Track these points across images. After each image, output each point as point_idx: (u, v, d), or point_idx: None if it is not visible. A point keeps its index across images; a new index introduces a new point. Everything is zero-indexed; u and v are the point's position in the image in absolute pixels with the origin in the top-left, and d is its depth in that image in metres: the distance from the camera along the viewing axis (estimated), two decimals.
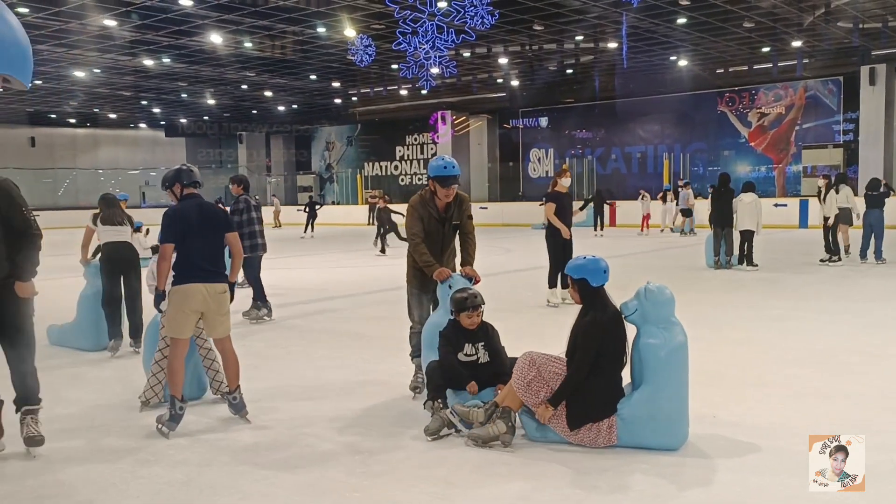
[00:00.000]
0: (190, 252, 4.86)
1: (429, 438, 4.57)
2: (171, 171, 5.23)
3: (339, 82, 31.28)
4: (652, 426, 4.29)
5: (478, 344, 4.93)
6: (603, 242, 20.47)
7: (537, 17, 20.38)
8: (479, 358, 4.92)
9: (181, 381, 4.91)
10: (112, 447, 4.62)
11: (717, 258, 13.33)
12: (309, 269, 15.62)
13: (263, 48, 24.24)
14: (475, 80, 30.82)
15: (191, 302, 4.85)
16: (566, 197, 10.08)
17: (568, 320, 4.68)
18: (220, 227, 5.10)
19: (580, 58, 26.70)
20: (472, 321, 4.92)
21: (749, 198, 13.34)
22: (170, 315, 4.91)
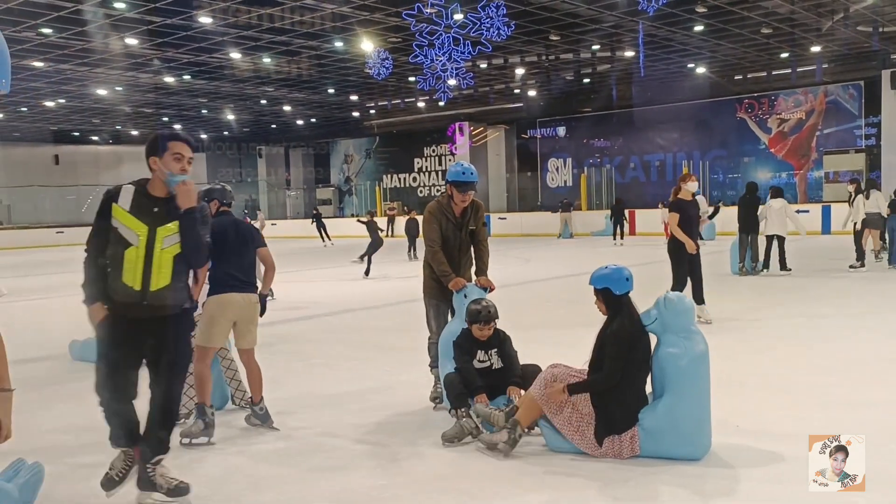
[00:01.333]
0: (226, 266, 5.04)
1: (444, 443, 4.63)
2: (217, 189, 5.47)
3: (357, 95, 31.51)
4: (674, 436, 4.25)
5: (491, 350, 5.00)
6: (625, 251, 20.37)
7: (553, 28, 20.42)
8: (493, 364, 5.00)
9: (209, 389, 5.01)
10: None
11: (742, 264, 13.30)
12: (329, 282, 15.70)
13: (281, 63, 24.49)
14: (492, 90, 30.90)
15: (228, 310, 5.03)
16: (692, 205, 8.88)
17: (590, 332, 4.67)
18: (252, 243, 5.29)
19: (597, 67, 26.69)
20: (482, 333, 4.98)
21: (778, 203, 13.38)
22: (205, 324, 5.01)
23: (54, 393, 6.56)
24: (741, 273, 13.29)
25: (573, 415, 4.35)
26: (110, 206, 3.83)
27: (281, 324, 9.82)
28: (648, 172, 33.73)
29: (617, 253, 19.74)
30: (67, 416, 5.70)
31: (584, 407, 4.34)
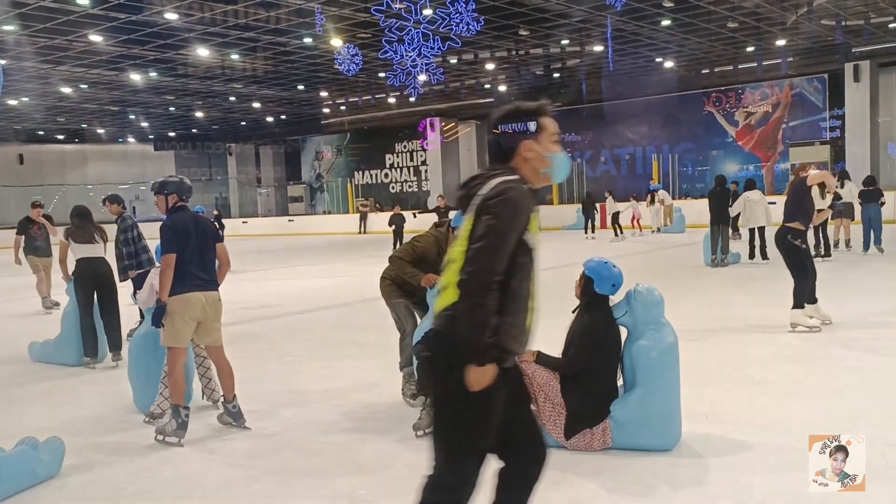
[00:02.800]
0: (188, 263, 4.93)
1: (416, 433, 4.65)
2: (173, 181, 5.22)
3: (327, 91, 31.32)
4: (645, 427, 4.31)
5: None
6: (596, 245, 20.52)
7: (522, 22, 20.47)
8: None
9: (183, 389, 4.98)
10: (105, 461, 4.61)
11: (714, 256, 13.56)
12: (302, 279, 15.61)
13: (250, 60, 24.25)
14: (462, 86, 30.90)
15: (191, 310, 4.93)
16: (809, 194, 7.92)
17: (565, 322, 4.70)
18: (212, 238, 5.17)
19: (566, 61, 26.80)
20: None
21: (756, 195, 13.95)
22: (169, 324, 4.93)
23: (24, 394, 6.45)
24: (713, 265, 13.51)
25: (546, 404, 4.38)
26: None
27: (252, 322, 9.76)
28: (619, 166, 34.00)
29: (588, 246, 19.87)
30: (35, 419, 5.60)
31: (555, 397, 4.38)
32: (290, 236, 30.82)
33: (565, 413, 4.36)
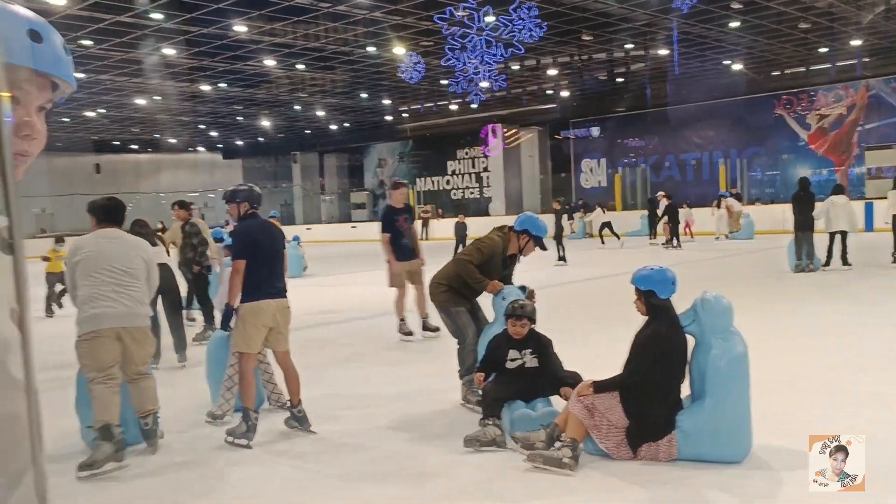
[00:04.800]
0: (258, 270, 5.01)
1: (465, 445, 4.60)
2: (244, 190, 5.33)
3: (390, 99, 31.67)
4: (714, 438, 4.19)
5: (524, 350, 4.92)
6: (661, 251, 20.12)
7: (585, 27, 20.31)
8: (525, 362, 4.90)
9: (254, 393, 5.07)
10: (175, 462, 4.74)
11: (800, 262, 13.23)
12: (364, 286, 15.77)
13: (315, 70, 24.72)
14: (525, 92, 30.84)
15: (262, 317, 5.02)
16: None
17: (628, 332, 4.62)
18: (281, 245, 5.28)
19: (630, 66, 26.47)
20: (515, 330, 4.92)
21: (841, 199, 13.51)
22: (240, 331, 5.03)
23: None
24: (797, 270, 13.24)
25: (610, 430, 4.30)
26: None
27: (316, 327, 9.91)
28: (684, 171, 33.32)
29: (653, 253, 19.52)
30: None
31: (618, 420, 4.28)
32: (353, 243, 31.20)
33: (626, 427, 4.26)
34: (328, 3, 17.20)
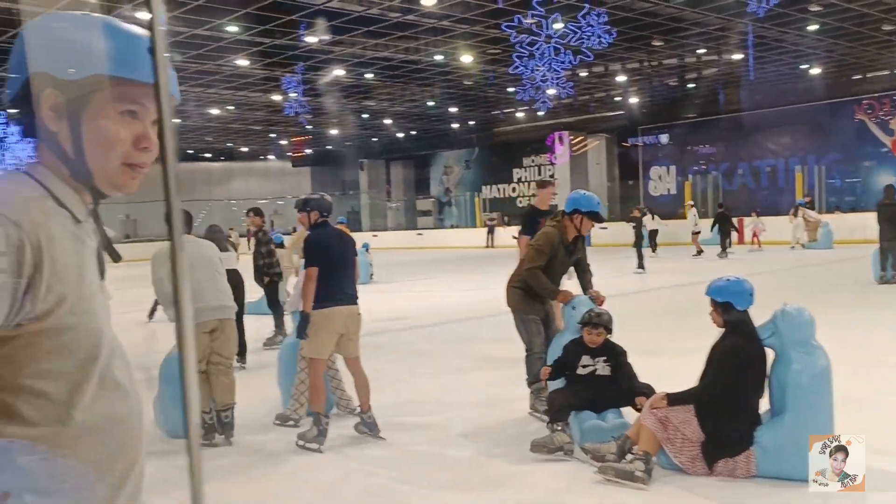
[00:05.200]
0: (331, 277, 5.09)
1: (532, 450, 4.58)
2: (314, 199, 5.46)
3: (457, 107, 31.81)
4: (795, 455, 4.04)
5: (598, 357, 4.85)
6: (734, 261, 19.58)
7: (656, 33, 19.98)
8: (597, 370, 4.84)
9: (324, 398, 5.16)
10: (249, 462, 4.85)
11: (884, 273, 12.71)
12: (431, 293, 15.87)
13: (383, 78, 25.04)
14: (592, 98, 30.52)
15: (334, 324, 5.09)
16: None
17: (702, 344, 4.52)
18: (353, 253, 5.35)
19: (702, 71, 25.91)
20: (591, 338, 4.86)
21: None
22: (311, 337, 5.12)
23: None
24: (881, 281, 12.70)
25: (684, 444, 4.19)
26: None
27: (383, 334, 10.00)
28: (758, 179, 32.36)
29: (725, 262, 19.01)
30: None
31: (693, 434, 4.18)
32: (419, 250, 31.46)
33: (702, 442, 4.15)
34: (397, 13, 17.41)
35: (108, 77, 1.27)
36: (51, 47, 1.26)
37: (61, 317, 1.22)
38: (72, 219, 1.30)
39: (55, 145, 1.29)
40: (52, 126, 1.28)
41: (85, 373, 1.25)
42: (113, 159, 1.31)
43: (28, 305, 1.18)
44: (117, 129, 1.30)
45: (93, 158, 1.29)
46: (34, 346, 1.20)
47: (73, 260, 1.25)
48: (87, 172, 1.30)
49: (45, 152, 1.30)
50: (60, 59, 1.25)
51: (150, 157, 1.36)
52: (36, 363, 1.20)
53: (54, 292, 1.21)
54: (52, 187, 1.29)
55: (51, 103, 1.27)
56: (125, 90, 1.29)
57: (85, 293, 1.26)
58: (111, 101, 1.28)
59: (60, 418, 1.22)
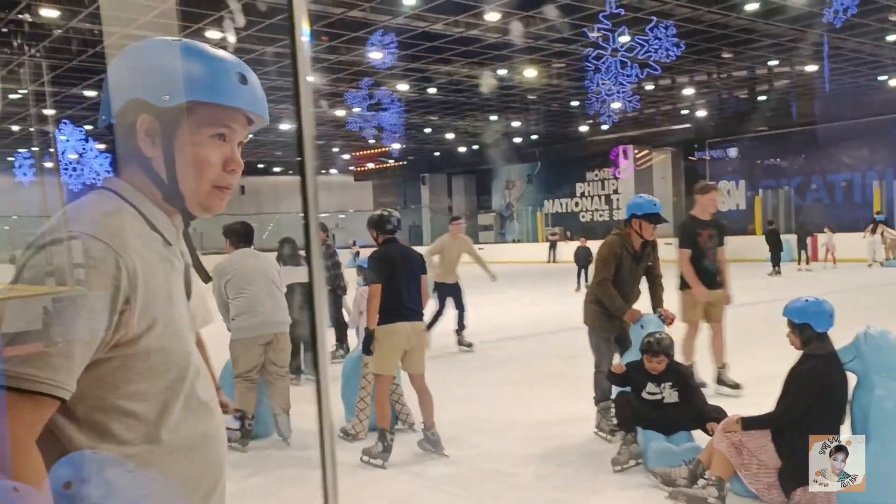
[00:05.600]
0: (396, 293, 5.11)
1: (615, 468, 4.53)
2: (370, 217, 5.55)
3: (519, 121, 31.75)
4: (877, 484, 3.84)
5: (663, 384, 4.72)
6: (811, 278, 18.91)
7: (726, 45, 19.54)
8: (664, 398, 4.71)
9: (389, 414, 5.18)
10: (309, 476, 4.87)
11: None
12: (493, 308, 15.79)
13: (446, 93, 25.20)
14: (658, 112, 30.03)
15: (398, 340, 5.11)
16: None
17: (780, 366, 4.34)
18: (418, 269, 5.34)
19: (773, 83, 25.21)
20: (652, 366, 4.73)
21: None
22: (376, 353, 5.14)
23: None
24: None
25: (760, 470, 4.03)
26: None
27: (447, 349, 9.98)
28: (833, 194, 31.22)
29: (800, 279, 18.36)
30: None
31: (770, 460, 4.01)
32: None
33: (779, 469, 3.98)
34: (460, 28, 17.51)
35: (199, 102, 1.30)
36: (146, 75, 1.30)
37: (152, 340, 1.25)
38: (163, 242, 1.33)
39: (150, 170, 1.32)
40: (148, 151, 1.32)
41: (173, 393, 1.29)
42: (204, 182, 1.34)
43: (122, 329, 1.21)
44: (208, 153, 1.33)
45: (185, 181, 1.33)
46: (126, 368, 1.23)
47: (163, 284, 1.29)
48: (180, 195, 1.33)
49: (138, 176, 1.34)
50: (156, 86, 1.29)
51: (236, 178, 1.39)
52: (127, 384, 1.24)
53: (147, 316, 1.24)
54: (145, 211, 1.32)
55: (146, 128, 1.31)
56: (215, 114, 1.32)
57: (174, 316, 1.29)
58: (202, 126, 1.32)
59: (150, 437, 1.25)
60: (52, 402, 1.17)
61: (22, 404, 1.14)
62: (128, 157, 1.33)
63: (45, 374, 1.15)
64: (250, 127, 1.43)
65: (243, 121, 1.40)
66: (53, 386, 1.16)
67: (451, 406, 6.59)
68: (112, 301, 1.19)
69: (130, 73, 1.32)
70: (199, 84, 1.29)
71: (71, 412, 1.22)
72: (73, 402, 1.20)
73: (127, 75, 1.32)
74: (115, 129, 1.34)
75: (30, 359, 1.14)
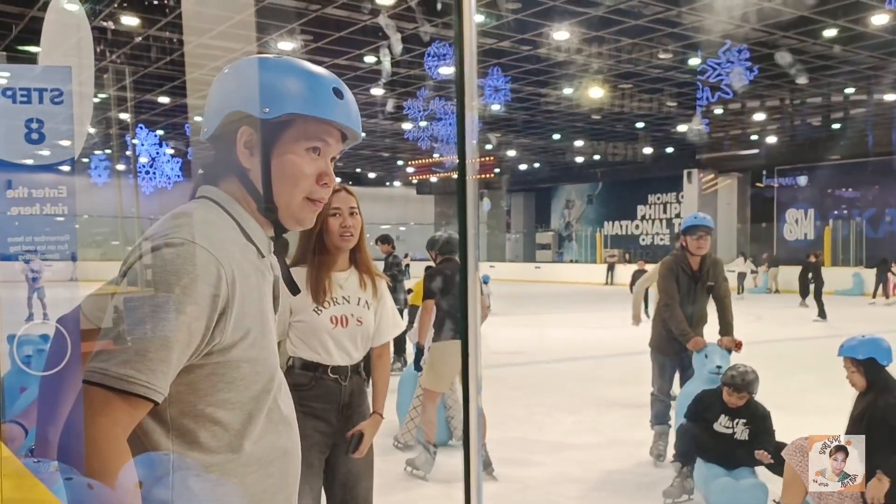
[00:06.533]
0: (450, 310, 5.09)
1: (667, 501, 4.42)
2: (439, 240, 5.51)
3: (582, 141, 31.53)
4: None
5: (738, 420, 4.55)
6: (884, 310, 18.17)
7: (801, 70, 19.05)
8: (737, 434, 4.54)
9: (435, 428, 5.17)
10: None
11: None
12: (549, 328, 15.65)
13: (511, 110, 25.21)
14: (726, 136, 29.43)
15: (451, 356, 5.07)
16: None
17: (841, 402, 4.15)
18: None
19: (849, 111, 24.45)
20: (732, 401, 4.55)
21: None
22: (431, 369, 5.14)
23: None
24: None
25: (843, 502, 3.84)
26: None
27: (501, 368, 9.90)
28: None
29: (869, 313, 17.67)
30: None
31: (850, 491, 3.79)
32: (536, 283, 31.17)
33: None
34: (528, 46, 17.51)
35: (297, 115, 1.33)
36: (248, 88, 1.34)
37: (244, 350, 1.26)
38: (257, 253, 1.35)
39: (247, 181, 1.35)
40: (246, 162, 1.34)
41: (258, 405, 1.30)
42: (298, 194, 1.36)
43: (217, 337, 1.23)
44: (303, 165, 1.36)
45: (280, 193, 1.35)
46: (217, 376, 1.25)
47: (256, 295, 1.30)
48: (274, 207, 1.35)
49: (235, 186, 1.37)
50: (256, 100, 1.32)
51: (328, 192, 1.41)
52: (217, 393, 1.25)
53: (241, 327, 1.25)
54: (241, 222, 1.34)
55: (245, 140, 1.33)
56: (311, 128, 1.35)
57: (265, 328, 1.31)
58: (299, 139, 1.36)
59: (233, 447, 1.27)
60: (146, 405, 1.19)
61: (118, 404, 1.16)
62: (226, 167, 1.36)
63: (143, 377, 1.16)
64: (344, 143, 1.45)
65: (338, 136, 1.42)
66: (150, 389, 1.17)
67: (505, 425, 6.51)
68: (211, 309, 1.21)
69: (233, 87, 1.37)
70: (297, 97, 1.33)
71: (160, 416, 1.24)
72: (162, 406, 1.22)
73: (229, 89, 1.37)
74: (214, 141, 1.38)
75: (128, 360, 1.16)
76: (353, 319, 2.73)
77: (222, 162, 1.37)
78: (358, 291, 2.78)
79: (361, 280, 2.81)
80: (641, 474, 5.15)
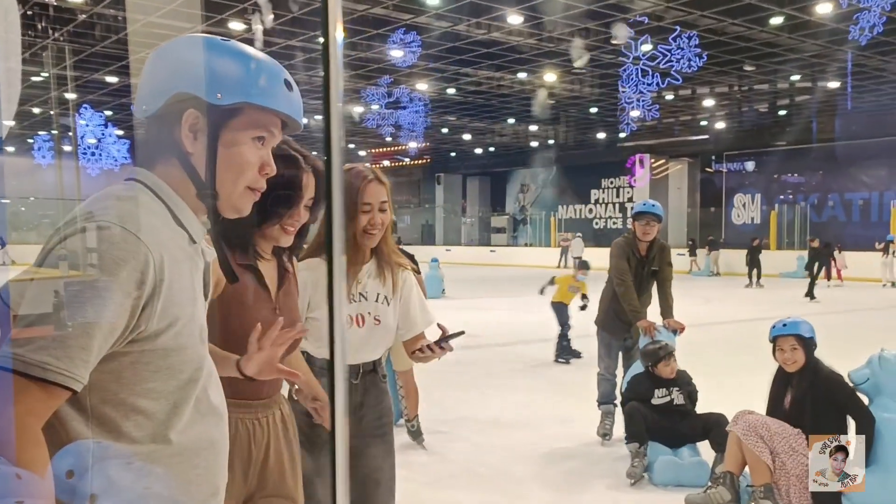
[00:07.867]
0: None
1: (631, 482, 4.50)
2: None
3: (537, 125, 31.70)
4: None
5: (672, 388, 4.81)
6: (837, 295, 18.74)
7: (748, 58, 19.43)
8: (674, 399, 4.78)
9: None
10: None
11: None
12: (502, 311, 15.77)
13: (465, 94, 25.19)
14: (677, 122, 29.90)
15: None
16: None
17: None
18: None
19: (795, 98, 25.05)
20: (664, 372, 4.81)
21: None
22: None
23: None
24: None
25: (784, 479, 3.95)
26: None
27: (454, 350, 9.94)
28: (849, 211, 30.98)
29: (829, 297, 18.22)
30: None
31: (795, 468, 3.90)
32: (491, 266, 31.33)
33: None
34: (482, 30, 17.48)
35: (249, 104, 1.32)
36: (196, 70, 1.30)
37: (171, 338, 1.23)
38: (188, 239, 1.32)
39: (188, 165, 1.32)
40: (189, 146, 1.31)
41: (185, 394, 1.27)
42: (241, 183, 1.35)
43: (143, 325, 1.20)
44: (249, 154, 1.34)
45: (223, 181, 1.33)
46: (141, 364, 1.22)
47: (187, 282, 1.27)
48: (214, 194, 1.32)
49: (173, 170, 1.33)
50: (208, 83, 1.29)
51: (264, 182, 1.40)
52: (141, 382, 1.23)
53: (168, 314, 1.23)
54: (174, 207, 1.31)
55: (190, 123, 1.30)
56: (259, 117, 1.34)
57: (194, 315, 1.28)
58: (247, 128, 1.33)
59: (157, 437, 1.24)
60: (63, 393, 1.15)
61: (33, 392, 1.12)
62: (166, 149, 1.32)
63: (60, 364, 1.13)
64: (284, 131, 1.44)
65: (280, 125, 1.40)
66: (68, 377, 1.14)
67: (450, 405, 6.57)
68: (136, 295, 1.18)
69: (179, 66, 1.32)
70: (252, 86, 1.31)
71: (79, 403, 1.20)
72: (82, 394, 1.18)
73: (175, 68, 1.32)
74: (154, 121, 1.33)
75: (46, 346, 1.12)
76: (371, 318, 2.57)
77: (161, 143, 1.32)
78: (377, 287, 2.59)
79: (382, 274, 2.61)
80: (588, 453, 5.25)
